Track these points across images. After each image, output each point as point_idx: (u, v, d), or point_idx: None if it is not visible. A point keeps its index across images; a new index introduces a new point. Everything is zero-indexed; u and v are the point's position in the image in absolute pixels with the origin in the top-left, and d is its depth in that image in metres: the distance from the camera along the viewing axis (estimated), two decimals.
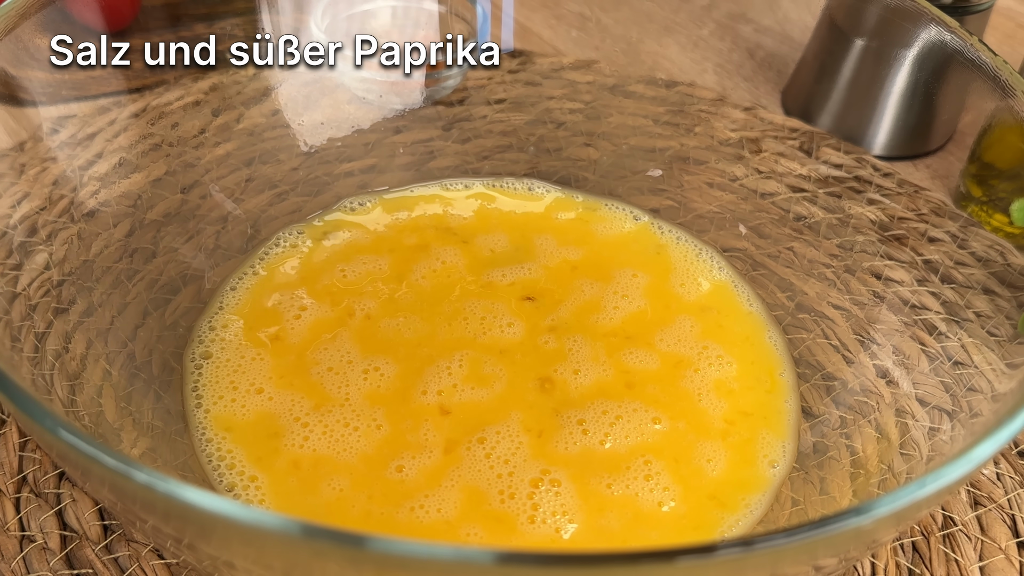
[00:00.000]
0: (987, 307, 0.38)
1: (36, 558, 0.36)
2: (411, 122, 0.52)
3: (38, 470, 0.39)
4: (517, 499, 0.37)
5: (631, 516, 0.37)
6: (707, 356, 0.43)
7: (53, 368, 0.36)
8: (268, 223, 0.48)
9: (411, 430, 0.39)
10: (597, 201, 0.50)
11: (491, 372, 0.41)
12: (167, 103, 0.47)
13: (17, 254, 0.38)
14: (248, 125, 0.49)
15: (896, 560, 0.37)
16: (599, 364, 0.42)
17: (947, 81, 0.43)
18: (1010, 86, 0.36)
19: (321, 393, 0.40)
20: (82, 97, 0.44)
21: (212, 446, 0.38)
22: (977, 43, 0.38)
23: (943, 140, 0.49)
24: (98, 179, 0.43)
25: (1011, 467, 0.41)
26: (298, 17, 0.50)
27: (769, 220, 0.47)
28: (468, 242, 0.48)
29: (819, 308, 0.44)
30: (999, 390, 0.35)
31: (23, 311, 0.37)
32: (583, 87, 0.53)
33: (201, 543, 0.27)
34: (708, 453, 0.39)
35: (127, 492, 0.25)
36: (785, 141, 0.48)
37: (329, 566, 0.23)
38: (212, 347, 0.42)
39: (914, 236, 0.43)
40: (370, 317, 0.44)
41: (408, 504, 0.37)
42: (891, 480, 0.36)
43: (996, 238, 0.40)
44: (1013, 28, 0.66)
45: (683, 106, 0.51)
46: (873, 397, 0.40)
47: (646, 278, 0.46)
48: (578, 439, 0.39)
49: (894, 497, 0.24)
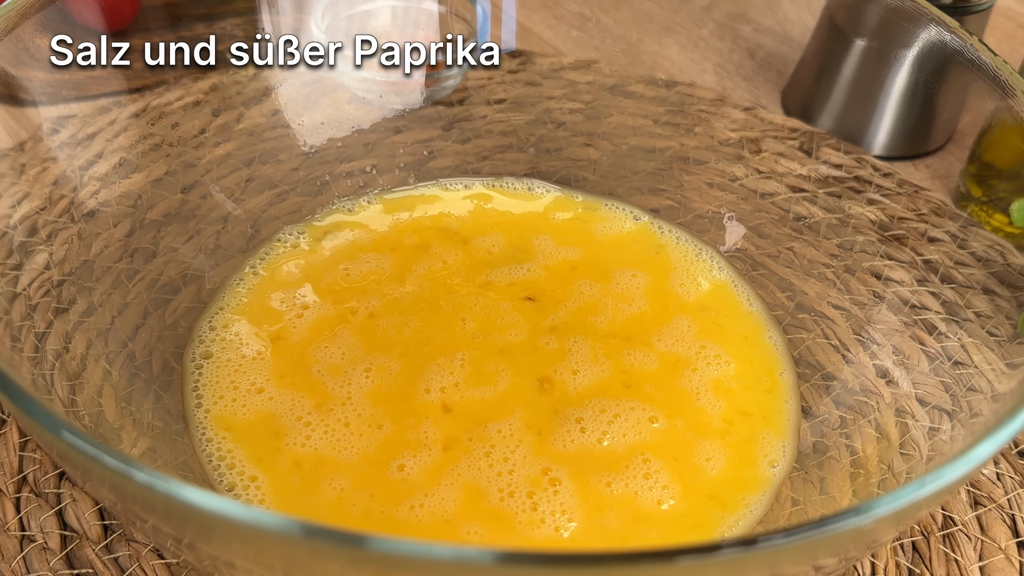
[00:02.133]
0: (987, 307, 0.38)
1: (36, 558, 0.36)
2: (411, 122, 0.52)
3: (38, 470, 0.39)
4: (517, 497, 0.37)
5: (631, 515, 0.37)
6: (705, 356, 0.43)
7: (53, 368, 0.36)
8: (268, 223, 0.48)
9: (412, 428, 0.39)
10: (597, 201, 0.50)
11: (491, 372, 0.41)
12: (167, 103, 0.47)
13: (17, 254, 0.38)
14: (248, 125, 0.49)
15: (896, 560, 0.37)
16: (598, 364, 0.42)
17: (947, 81, 0.43)
18: (1010, 86, 0.36)
19: (322, 392, 0.40)
20: (82, 97, 0.44)
21: (212, 446, 0.38)
22: (977, 43, 0.38)
23: (943, 140, 0.49)
24: (98, 179, 0.43)
25: (1011, 467, 0.41)
26: (298, 17, 0.50)
27: (769, 220, 0.47)
28: (468, 242, 0.48)
29: (819, 308, 0.44)
30: (999, 390, 0.35)
31: (23, 311, 0.37)
32: (583, 87, 0.53)
33: (201, 543, 0.27)
34: (707, 452, 0.39)
35: (127, 492, 0.25)
36: (785, 141, 0.48)
37: (329, 566, 0.23)
38: (212, 347, 0.42)
39: (914, 236, 0.43)
40: (370, 317, 0.44)
41: (408, 503, 0.37)
42: (891, 480, 0.36)
43: (996, 238, 0.40)
44: (1013, 28, 0.66)
45: (683, 106, 0.51)
46: (873, 397, 0.40)
47: (645, 278, 0.46)
48: (576, 437, 0.39)
49: (894, 497, 0.24)
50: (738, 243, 0.48)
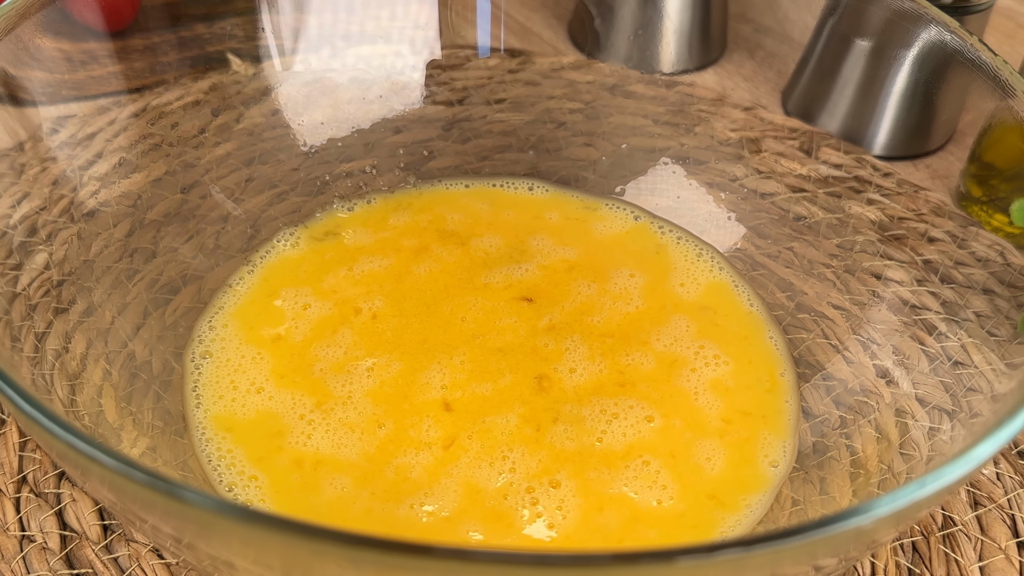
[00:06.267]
0: (987, 307, 0.38)
1: (36, 558, 0.36)
2: (411, 122, 0.52)
3: (38, 470, 0.39)
4: (516, 496, 0.37)
5: (629, 514, 0.37)
6: (703, 355, 0.43)
7: (53, 368, 0.36)
8: (268, 223, 0.48)
9: (412, 427, 0.39)
10: (597, 201, 0.50)
11: (489, 372, 0.41)
12: (167, 103, 0.47)
13: (17, 254, 0.38)
14: (248, 125, 0.49)
15: (896, 560, 0.37)
16: (596, 364, 0.42)
17: (947, 81, 0.43)
18: (1010, 86, 0.36)
19: (323, 391, 0.40)
20: (82, 97, 0.44)
21: (212, 446, 0.38)
22: (977, 43, 0.38)
23: (943, 140, 0.49)
24: (98, 179, 0.43)
25: (1011, 467, 0.41)
26: (298, 17, 0.50)
27: (769, 220, 0.47)
28: (468, 242, 0.48)
29: (819, 308, 0.44)
30: (999, 390, 0.35)
31: (23, 311, 0.37)
32: (583, 87, 0.53)
33: (201, 543, 0.27)
34: (706, 452, 0.39)
35: (127, 492, 0.25)
36: (785, 141, 0.48)
37: (329, 566, 0.23)
38: (212, 347, 0.42)
39: (914, 236, 0.43)
40: (370, 316, 0.44)
41: (409, 501, 0.37)
42: (891, 480, 0.36)
43: (996, 238, 0.40)
44: (1013, 28, 0.66)
45: (683, 106, 0.51)
46: (873, 397, 0.40)
47: (644, 278, 0.46)
48: (575, 437, 0.39)
49: (894, 497, 0.24)
50: (738, 243, 0.48)
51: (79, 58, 0.43)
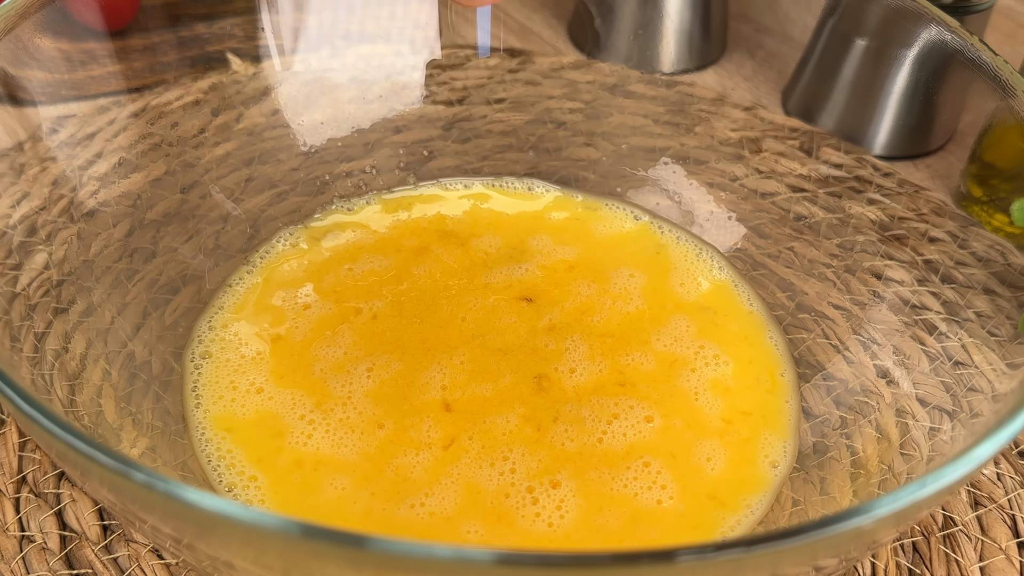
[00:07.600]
0: (987, 307, 0.38)
1: (36, 558, 0.36)
2: (411, 122, 0.52)
3: (38, 470, 0.39)
4: (516, 496, 0.37)
5: (629, 514, 0.37)
6: (703, 356, 0.43)
7: (53, 368, 0.36)
8: (268, 223, 0.48)
9: (412, 427, 0.39)
10: (597, 201, 0.50)
11: (489, 372, 0.41)
12: (167, 103, 0.47)
13: (17, 254, 0.38)
14: (248, 125, 0.49)
15: (896, 560, 0.37)
16: (596, 364, 0.42)
17: (947, 81, 0.43)
18: (1010, 86, 0.36)
19: (323, 391, 0.40)
20: (81, 97, 0.44)
21: (212, 446, 0.38)
22: (977, 43, 0.38)
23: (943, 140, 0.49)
24: (98, 179, 0.43)
25: (1011, 467, 0.41)
26: (298, 17, 0.50)
27: (769, 220, 0.47)
28: (468, 242, 0.48)
29: (819, 308, 0.44)
30: (999, 390, 0.35)
31: (23, 311, 0.36)
32: (583, 87, 0.53)
33: (201, 543, 0.27)
34: (707, 452, 0.39)
35: (127, 492, 0.25)
36: (785, 141, 0.48)
37: (328, 566, 0.23)
38: (212, 347, 0.42)
39: (914, 236, 0.43)
40: (370, 316, 0.44)
41: (409, 501, 0.37)
42: (891, 480, 0.36)
43: (996, 238, 0.40)
44: (1013, 28, 0.66)
45: (683, 106, 0.51)
46: (873, 397, 0.40)
47: (644, 278, 0.46)
48: (575, 437, 0.39)
49: (894, 497, 0.24)
50: (738, 243, 0.48)
51: (79, 58, 0.43)
